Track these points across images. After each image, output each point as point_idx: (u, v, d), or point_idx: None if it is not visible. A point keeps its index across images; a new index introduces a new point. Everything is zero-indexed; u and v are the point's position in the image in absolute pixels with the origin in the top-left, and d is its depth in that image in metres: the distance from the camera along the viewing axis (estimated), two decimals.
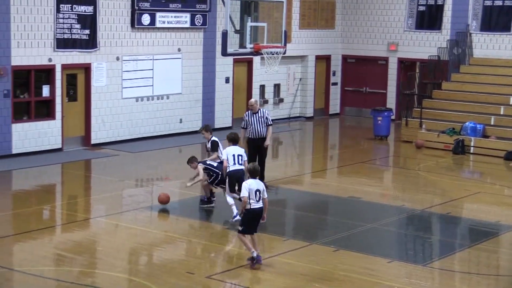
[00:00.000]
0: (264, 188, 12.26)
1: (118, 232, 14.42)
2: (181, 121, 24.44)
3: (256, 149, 17.53)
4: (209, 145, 16.05)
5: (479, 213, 15.73)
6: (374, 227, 14.98)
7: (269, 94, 28.25)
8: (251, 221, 12.15)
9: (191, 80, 24.71)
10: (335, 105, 30.77)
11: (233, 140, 15.01)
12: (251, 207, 12.03)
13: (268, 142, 17.53)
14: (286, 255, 13.03)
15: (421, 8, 28.43)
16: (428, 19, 28.29)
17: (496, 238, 14.58)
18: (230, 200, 14.83)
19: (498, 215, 15.92)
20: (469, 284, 12.16)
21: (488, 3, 26.91)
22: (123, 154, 21.37)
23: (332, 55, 30.28)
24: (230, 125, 26.13)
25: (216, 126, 25.19)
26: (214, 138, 16.09)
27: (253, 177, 12.18)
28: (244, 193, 11.98)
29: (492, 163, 21.14)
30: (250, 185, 12.03)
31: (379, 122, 25.34)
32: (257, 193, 12.03)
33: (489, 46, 26.82)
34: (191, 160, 15.81)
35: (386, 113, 25.51)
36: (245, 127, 17.60)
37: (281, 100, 28.87)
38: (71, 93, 21.88)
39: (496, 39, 26.69)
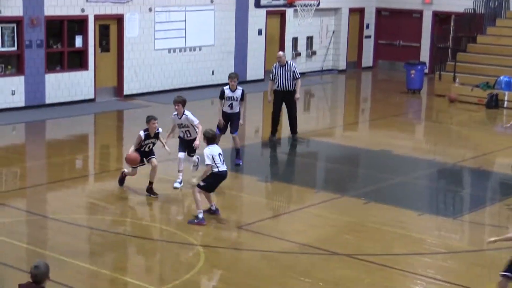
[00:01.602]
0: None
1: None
2: (213, 72, 24.45)
3: (282, 102, 17.52)
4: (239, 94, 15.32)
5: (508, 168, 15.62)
6: (405, 180, 14.98)
7: (301, 46, 28.09)
8: (216, 183, 12.03)
9: (223, 32, 24.64)
10: (368, 58, 30.53)
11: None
12: (219, 170, 11.81)
13: (298, 95, 17.49)
14: (317, 207, 13.10)
15: None
16: None
17: None
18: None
19: None
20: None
21: None
22: (155, 105, 21.47)
23: (366, 7, 29.95)
24: (262, 77, 26.06)
25: (248, 78, 25.19)
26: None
27: (212, 143, 11.90)
28: (208, 161, 11.70)
29: None
30: (211, 151, 11.80)
31: (412, 75, 25.13)
32: (220, 156, 11.83)
33: None
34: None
35: (419, 67, 25.27)
36: (272, 79, 17.56)
37: (314, 53, 28.69)
38: (103, 44, 21.95)
39: None
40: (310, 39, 28.47)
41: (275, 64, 17.64)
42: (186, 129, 13.63)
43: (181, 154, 13.71)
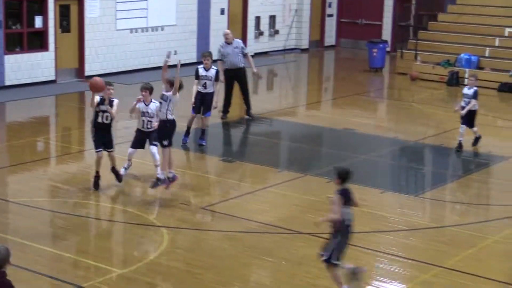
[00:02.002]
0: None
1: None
2: (175, 53, 24.24)
3: (233, 80, 17.52)
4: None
5: (471, 145, 15.82)
6: (368, 158, 15.09)
7: (264, 25, 28.03)
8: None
9: (185, 11, 24.49)
10: (330, 37, 30.59)
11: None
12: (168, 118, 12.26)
13: (255, 69, 17.52)
14: (280, 186, 13.16)
15: None
16: None
17: (487, 169, 14.73)
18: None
19: (491, 146, 16.02)
20: (459, 214, 12.35)
21: None
22: (117, 86, 21.00)
23: None
24: None
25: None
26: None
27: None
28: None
29: (486, 94, 21.11)
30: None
31: (375, 54, 25.25)
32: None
33: None
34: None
35: (381, 45, 25.39)
36: (221, 58, 17.51)
37: (276, 32, 28.65)
38: (64, 24, 21.70)
39: None
40: (272, 18, 28.42)
41: (222, 43, 17.63)
42: (150, 119, 12.75)
43: (131, 150, 12.95)
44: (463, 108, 15.48)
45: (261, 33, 27.85)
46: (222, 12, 25.76)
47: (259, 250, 10.37)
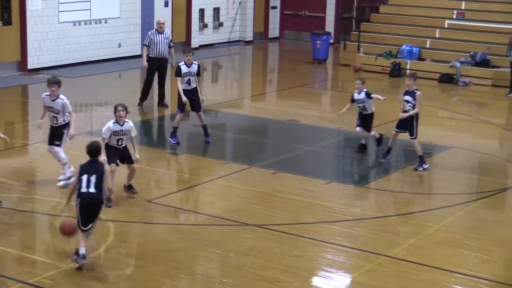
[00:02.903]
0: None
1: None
2: (120, 45, 24.15)
3: (157, 68, 17.93)
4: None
5: (375, 145, 15.97)
6: (312, 149, 15.25)
7: (208, 18, 28.02)
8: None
9: (129, 3, 24.33)
10: (274, 29, 30.72)
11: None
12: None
13: (174, 63, 17.58)
14: (226, 178, 13.22)
15: None
16: None
17: (429, 158, 14.98)
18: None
19: (431, 136, 16.31)
20: (403, 203, 12.58)
21: None
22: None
23: None
24: None
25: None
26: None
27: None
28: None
29: (427, 85, 21.46)
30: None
31: (318, 45, 25.46)
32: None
33: None
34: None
35: (324, 37, 25.61)
36: (147, 44, 17.80)
37: (221, 24, 28.68)
38: (5, 17, 21.36)
39: None
40: (216, 10, 28.43)
41: (152, 31, 17.95)
42: (55, 114, 12.31)
43: (49, 147, 12.56)
44: (359, 113, 14.77)
45: (205, 26, 27.84)
46: (166, 4, 25.67)
47: (207, 242, 10.43)
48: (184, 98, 14.93)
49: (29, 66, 21.76)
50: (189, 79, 14.99)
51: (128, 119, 11.91)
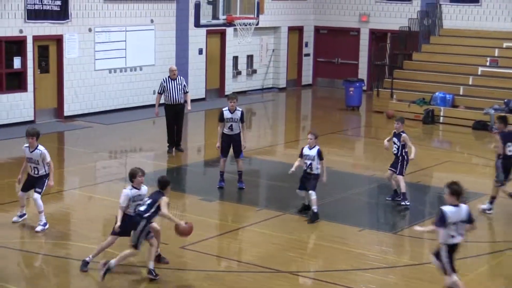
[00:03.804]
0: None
1: (92, 203, 14.53)
2: (154, 92, 24.41)
3: (174, 115, 18.13)
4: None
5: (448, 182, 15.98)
6: (345, 196, 15.22)
7: (242, 65, 28.33)
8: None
9: (164, 51, 24.71)
10: (307, 76, 30.93)
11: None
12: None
13: (190, 107, 18.11)
14: (260, 225, 13.23)
15: None
16: None
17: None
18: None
19: (466, 183, 16.04)
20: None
21: None
22: (96, 126, 21.40)
23: (305, 26, 30.38)
24: (204, 96, 26.21)
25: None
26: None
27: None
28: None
29: (461, 132, 21.46)
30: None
31: (351, 92, 25.56)
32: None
33: (458, 17, 27.10)
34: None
35: (357, 84, 25.72)
36: (160, 92, 18.05)
37: (254, 71, 28.96)
38: (43, 65, 21.81)
39: (465, 10, 26.96)
40: (250, 58, 28.74)
41: (165, 78, 18.18)
42: (35, 165, 12.53)
43: (21, 194, 12.80)
44: (304, 171, 13.88)
45: (239, 73, 28.12)
46: (200, 52, 26.00)
47: None
48: (218, 144, 15.06)
49: (65, 113, 22.11)
50: (231, 125, 15.12)
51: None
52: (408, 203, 14.43)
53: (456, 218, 9.65)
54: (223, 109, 15.21)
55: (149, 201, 10.54)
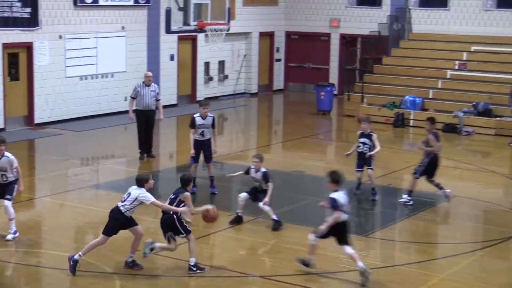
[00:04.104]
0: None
1: (63, 211, 14.49)
2: (126, 99, 24.36)
3: (145, 121, 18.14)
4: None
5: (418, 184, 16.14)
6: (318, 200, 15.22)
7: (213, 71, 28.38)
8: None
9: (135, 58, 24.69)
10: (279, 81, 31.06)
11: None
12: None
13: (162, 116, 18.20)
14: (232, 230, 13.27)
15: None
16: None
17: (434, 208, 15.06)
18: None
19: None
20: (408, 253, 12.59)
21: None
22: (67, 133, 21.33)
23: (276, 31, 30.50)
24: (175, 102, 26.22)
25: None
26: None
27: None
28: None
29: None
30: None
31: (322, 97, 25.71)
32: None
33: (427, 21, 27.39)
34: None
35: (328, 88, 25.89)
36: (134, 97, 18.08)
37: (226, 77, 29.02)
38: (13, 72, 21.69)
39: (434, 14, 27.26)
40: (221, 63, 28.80)
41: (139, 83, 18.19)
42: (3, 172, 12.47)
43: None
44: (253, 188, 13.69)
45: (210, 78, 28.17)
46: (172, 58, 26.02)
47: None
48: (192, 151, 15.11)
49: (36, 121, 22.01)
50: (203, 131, 15.20)
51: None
52: (378, 198, 15.26)
53: (344, 201, 11.09)
54: (195, 116, 15.26)
55: (172, 197, 11.28)
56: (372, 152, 15.20)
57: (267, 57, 30.52)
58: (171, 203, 11.19)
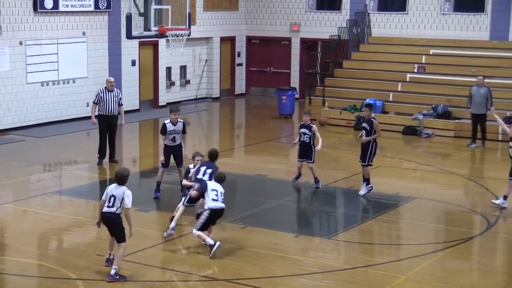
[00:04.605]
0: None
1: (26, 217, 14.41)
2: (88, 104, 24.29)
3: (108, 126, 18.20)
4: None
5: (380, 186, 16.37)
6: (280, 203, 15.43)
7: (175, 76, 28.39)
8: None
9: (96, 63, 24.60)
10: (240, 86, 31.16)
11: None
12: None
13: (123, 121, 18.34)
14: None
15: None
16: None
17: (396, 209, 15.27)
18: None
19: (398, 187, 16.64)
20: (372, 254, 12.75)
21: None
22: (29, 139, 21.18)
23: (237, 36, 30.61)
24: (138, 107, 26.18)
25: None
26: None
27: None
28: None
29: (391, 137, 21.90)
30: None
31: (284, 101, 25.87)
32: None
33: (386, 25, 27.71)
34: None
35: (290, 92, 26.05)
36: (96, 102, 18.07)
37: (188, 82, 29.05)
38: None
39: (393, 18, 27.59)
40: (183, 68, 28.82)
41: (102, 88, 18.27)
42: None
43: None
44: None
45: (172, 83, 28.17)
46: (133, 63, 25.98)
47: None
48: (161, 158, 15.20)
49: None
50: (174, 137, 15.30)
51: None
52: (320, 185, 16.39)
53: (216, 188, 12.33)
54: (165, 122, 15.32)
55: (209, 171, 13.08)
56: (318, 147, 16.38)
57: (228, 61, 30.61)
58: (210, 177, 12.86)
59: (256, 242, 12.86)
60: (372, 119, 15.85)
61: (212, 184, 12.43)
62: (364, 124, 15.95)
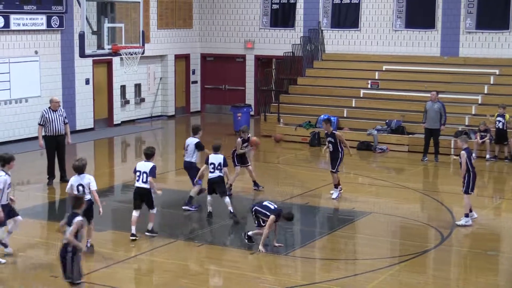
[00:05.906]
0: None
1: None
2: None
3: (56, 146, 18.15)
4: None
5: (335, 202, 16.47)
6: (237, 220, 15.39)
7: (130, 94, 28.27)
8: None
9: (50, 82, 24.39)
10: (195, 103, 31.15)
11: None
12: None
13: (70, 140, 18.38)
14: (152, 253, 13.23)
15: (275, 7, 29.27)
16: (282, 16, 29.19)
17: (352, 224, 15.36)
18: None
19: (354, 203, 16.74)
20: (329, 270, 12.79)
21: (337, 0, 28.03)
22: None
23: (191, 54, 30.63)
24: (92, 126, 25.99)
25: (78, 128, 25.01)
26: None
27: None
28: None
29: (347, 153, 22.02)
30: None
31: (239, 117, 25.92)
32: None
33: (339, 42, 28.00)
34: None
35: (245, 109, 26.12)
36: (42, 124, 17.95)
37: (143, 100, 28.95)
38: None
39: (346, 35, 27.89)
40: (138, 86, 28.73)
41: (46, 109, 18.19)
42: None
43: None
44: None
45: (127, 102, 28.05)
46: (87, 82, 25.81)
47: None
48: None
49: None
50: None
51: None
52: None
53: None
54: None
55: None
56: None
57: (183, 79, 30.60)
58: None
59: (212, 261, 12.83)
60: (334, 132, 17.10)
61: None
62: (329, 138, 16.98)
